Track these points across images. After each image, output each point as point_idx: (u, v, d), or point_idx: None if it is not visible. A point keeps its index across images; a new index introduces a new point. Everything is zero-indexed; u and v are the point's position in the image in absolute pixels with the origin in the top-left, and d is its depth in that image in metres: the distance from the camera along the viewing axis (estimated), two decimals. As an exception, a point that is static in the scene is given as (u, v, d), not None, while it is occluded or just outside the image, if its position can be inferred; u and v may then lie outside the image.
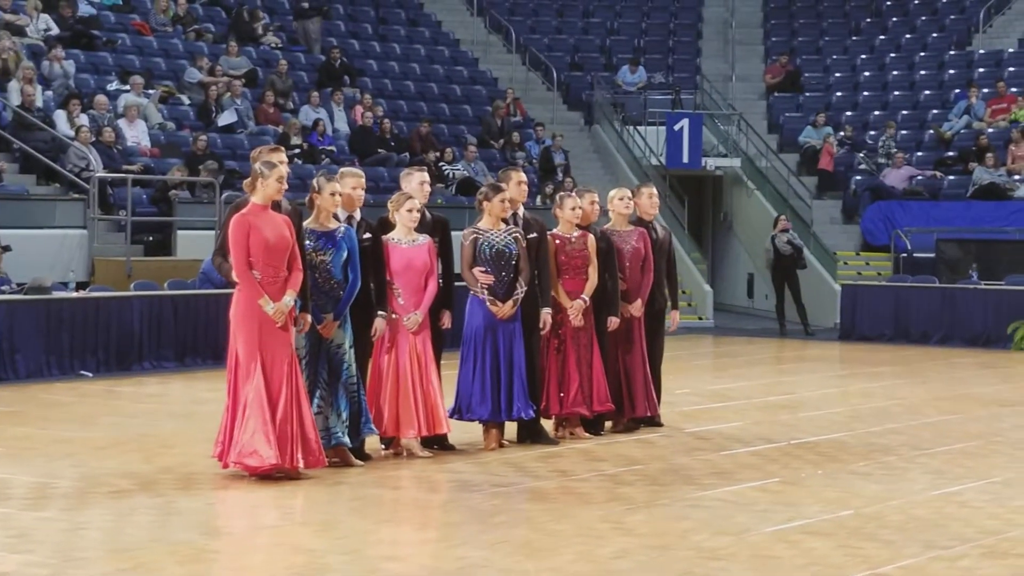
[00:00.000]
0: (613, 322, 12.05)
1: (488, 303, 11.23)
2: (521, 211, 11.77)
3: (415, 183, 11.37)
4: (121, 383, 16.24)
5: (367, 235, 10.86)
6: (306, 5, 29.28)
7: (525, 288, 11.35)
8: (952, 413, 14.34)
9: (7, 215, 19.23)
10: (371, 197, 21.47)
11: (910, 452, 11.68)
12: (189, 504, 9.23)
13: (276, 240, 9.95)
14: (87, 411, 14.02)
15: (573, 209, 11.99)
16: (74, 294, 17.53)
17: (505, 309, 11.23)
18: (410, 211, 11.02)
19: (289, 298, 9.98)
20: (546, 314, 11.62)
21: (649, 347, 12.58)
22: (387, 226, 11.15)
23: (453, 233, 11.63)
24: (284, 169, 10.19)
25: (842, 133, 30.09)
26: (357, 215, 10.90)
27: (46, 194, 20.75)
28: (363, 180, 11.06)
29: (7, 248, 17.88)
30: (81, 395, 15.24)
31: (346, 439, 10.55)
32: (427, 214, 11.39)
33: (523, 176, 11.97)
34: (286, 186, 10.16)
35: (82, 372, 16.71)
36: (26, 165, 21.29)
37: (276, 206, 10.18)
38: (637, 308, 12.30)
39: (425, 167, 12.28)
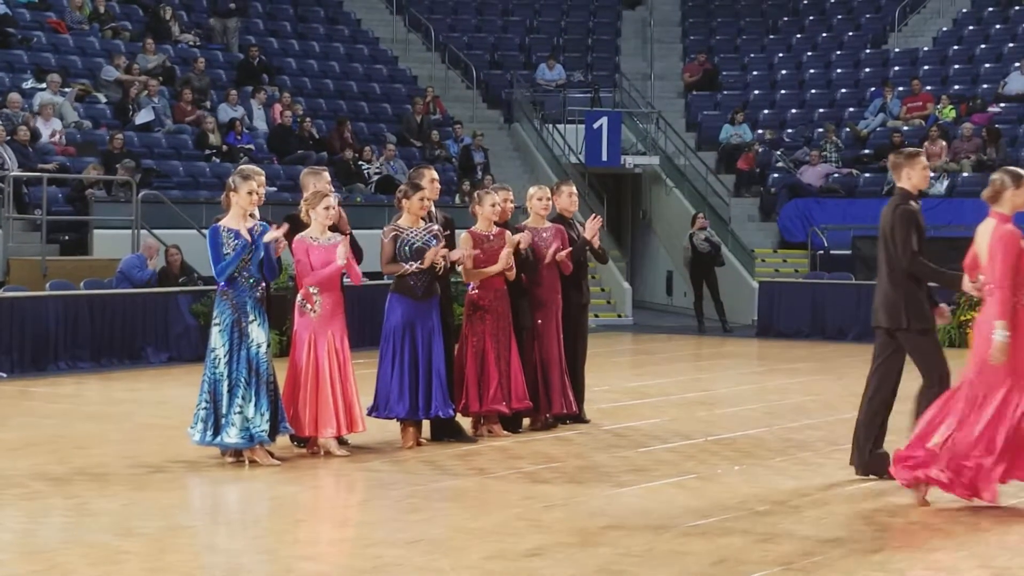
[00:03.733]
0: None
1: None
2: (432, 208, 11.77)
3: (322, 182, 11.42)
4: (36, 383, 16.07)
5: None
6: (233, 6, 29.07)
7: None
8: (867, 408, 14.44)
9: (-80, 215, 18.99)
10: (290, 196, 21.54)
11: (826, 447, 11.77)
12: (103, 505, 9.15)
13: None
14: (0, 412, 13.85)
15: (492, 206, 12.01)
16: (-12, 294, 17.32)
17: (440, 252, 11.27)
18: (327, 208, 11.00)
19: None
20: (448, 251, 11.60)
21: (571, 345, 12.62)
22: (299, 224, 11.12)
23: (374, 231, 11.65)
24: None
25: (760, 131, 30.31)
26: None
27: (-40, 193, 20.49)
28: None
29: (-81, 248, 17.67)
30: (-5, 396, 15.07)
31: (267, 438, 10.53)
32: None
33: (435, 174, 11.98)
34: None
35: (-4, 373, 16.55)
36: (-61, 164, 21.03)
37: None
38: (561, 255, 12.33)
39: (325, 168, 12.29)
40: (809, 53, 33.42)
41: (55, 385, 16.10)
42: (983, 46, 31.76)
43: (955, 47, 32.14)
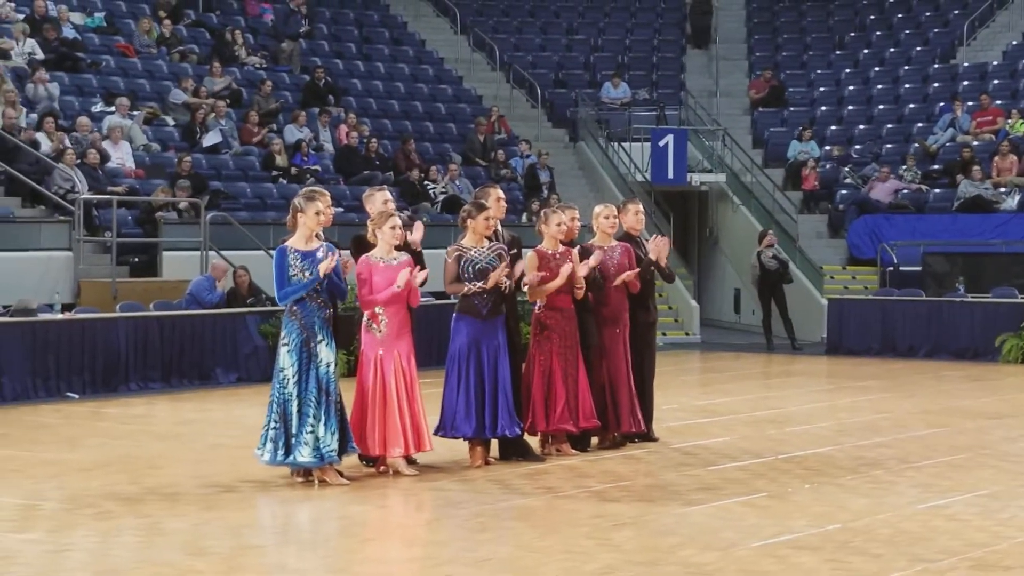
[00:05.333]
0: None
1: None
2: (499, 227, 11.76)
3: (378, 202, 11.41)
4: (107, 404, 16.19)
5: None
6: (304, 29, 29.29)
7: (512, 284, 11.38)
8: (940, 426, 14.34)
9: (-8, 238, 19.22)
10: (356, 216, 21.62)
11: (898, 465, 11.67)
12: (174, 524, 9.19)
13: None
14: (73, 432, 13.97)
15: (558, 225, 11.99)
16: (60, 316, 17.49)
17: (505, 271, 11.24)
18: (393, 228, 11.02)
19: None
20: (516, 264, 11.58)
21: (640, 363, 12.58)
22: (365, 245, 11.14)
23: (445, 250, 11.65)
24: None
25: (828, 148, 30.14)
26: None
27: (31, 216, 20.70)
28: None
29: (-8, 270, 17.87)
30: (67, 416, 15.19)
31: (336, 457, 10.56)
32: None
33: (501, 193, 11.97)
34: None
35: (68, 394, 16.67)
36: (11, 188, 21.26)
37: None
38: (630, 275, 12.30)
39: (385, 187, 12.32)
40: (877, 68, 33.20)
41: (126, 406, 16.22)
42: (1053, 60, 31.48)
43: (1024, 61, 31.87)
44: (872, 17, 35.42)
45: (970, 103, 30.09)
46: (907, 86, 32.29)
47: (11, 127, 21.44)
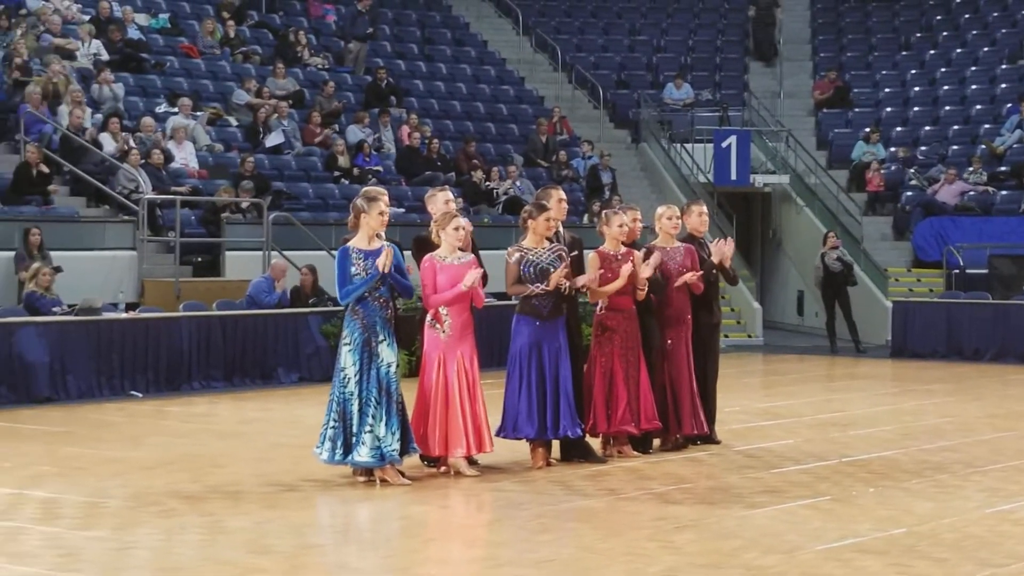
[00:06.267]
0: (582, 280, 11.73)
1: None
2: (560, 228, 11.73)
3: (440, 202, 11.39)
4: (170, 403, 16.28)
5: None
6: (370, 31, 29.41)
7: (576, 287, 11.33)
8: (1006, 430, 14.19)
9: (58, 237, 19.35)
10: (417, 217, 21.65)
11: (963, 470, 11.55)
12: (237, 523, 9.22)
13: None
14: (136, 431, 14.05)
15: (620, 226, 11.94)
16: (124, 315, 17.60)
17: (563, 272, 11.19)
18: (456, 229, 11.00)
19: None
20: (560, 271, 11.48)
21: (703, 365, 12.52)
22: (428, 245, 11.13)
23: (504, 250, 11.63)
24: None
25: (893, 149, 29.90)
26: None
27: (96, 216, 20.86)
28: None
29: (58, 269, 18.00)
30: (130, 415, 15.29)
31: (397, 457, 10.56)
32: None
33: (563, 194, 11.93)
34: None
35: (132, 392, 16.78)
36: (76, 188, 21.43)
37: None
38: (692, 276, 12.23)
39: (447, 187, 12.29)
40: (943, 69, 32.90)
41: (189, 405, 16.31)
42: (1122, 59, 31.11)
43: (1094, 61, 31.52)
44: (939, 17, 35.10)
45: (1038, 104, 29.77)
46: (974, 87, 31.98)
47: (77, 128, 21.61)
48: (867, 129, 30.22)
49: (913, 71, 33.22)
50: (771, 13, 34.02)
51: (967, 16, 34.82)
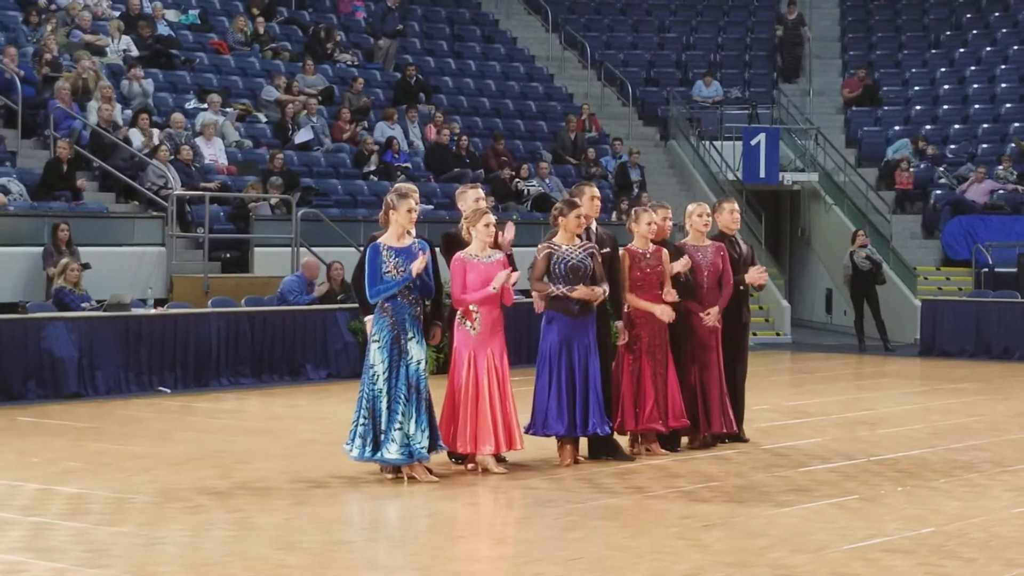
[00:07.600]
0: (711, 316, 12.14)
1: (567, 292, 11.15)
2: (594, 226, 11.71)
3: (470, 199, 11.39)
4: (198, 399, 16.33)
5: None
6: (400, 27, 29.44)
7: (607, 289, 11.30)
8: (1035, 430, 14.13)
9: (87, 233, 19.41)
10: (446, 214, 21.66)
11: (992, 469, 11.50)
12: (265, 519, 9.24)
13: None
14: (165, 427, 14.10)
15: (649, 224, 11.92)
16: (152, 311, 17.66)
17: (596, 293, 11.19)
18: (487, 226, 10.99)
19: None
20: (619, 325, 11.63)
21: (732, 363, 12.50)
22: (458, 242, 11.13)
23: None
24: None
25: (922, 144, 29.77)
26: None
27: (125, 212, 20.93)
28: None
29: (87, 266, 18.06)
30: (159, 411, 15.33)
31: (426, 454, 10.56)
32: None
33: (596, 191, 11.90)
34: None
35: (160, 388, 16.82)
36: (105, 183, 21.51)
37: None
38: (713, 316, 12.20)
39: (478, 184, 12.27)
40: (973, 67, 32.77)
41: (217, 401, 16.35)
42: None
43: (1125, 58, 31.34)
44: (968, 16, 34.94)
45: (1068, 102, 29.65)
46: (1004, 85, 31.84)
47: (106, 123, 21.68)
48: (894, 129, 30.01)
49: (943, 69, 33.09)
50: (798, 32, 33.70)
51: (997, 14, 34.65)
